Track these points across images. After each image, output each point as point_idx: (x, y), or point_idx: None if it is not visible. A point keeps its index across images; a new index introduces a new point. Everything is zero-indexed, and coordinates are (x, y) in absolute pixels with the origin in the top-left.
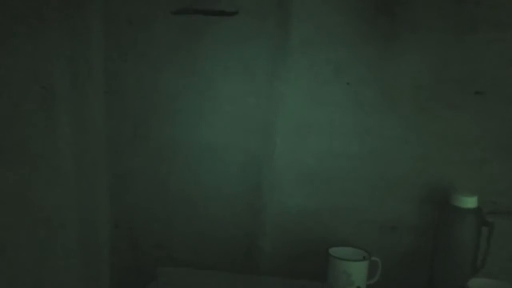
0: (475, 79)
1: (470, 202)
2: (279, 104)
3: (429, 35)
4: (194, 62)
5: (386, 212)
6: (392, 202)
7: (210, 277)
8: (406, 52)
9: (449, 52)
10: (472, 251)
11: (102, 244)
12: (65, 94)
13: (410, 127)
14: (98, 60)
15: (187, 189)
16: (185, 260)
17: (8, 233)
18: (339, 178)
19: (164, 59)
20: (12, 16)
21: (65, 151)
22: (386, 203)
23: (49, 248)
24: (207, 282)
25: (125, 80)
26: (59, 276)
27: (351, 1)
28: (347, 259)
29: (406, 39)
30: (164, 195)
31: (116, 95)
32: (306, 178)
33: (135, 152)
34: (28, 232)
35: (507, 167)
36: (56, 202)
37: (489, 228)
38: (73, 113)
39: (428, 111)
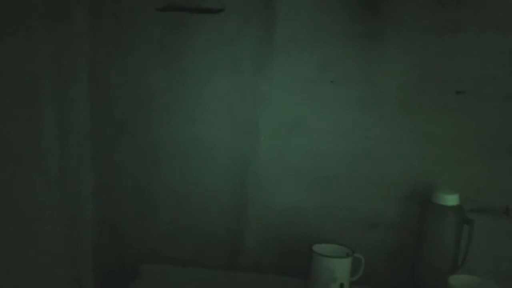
0: (457, 79)
1: (451, 200)
2: (264, 102)
3: (413, 34)
4: (180, 59)
5: (370, 209)
6: (376, 200)
7: (194, 274)
8: (390, 51)
9: (432, 51)
10: (453, 248)
11: (86, 241)
12: (49, 90)
13: (393, 126)
14: (82, 57)
15: (171, 186)
16: (169, 257)
17: None
18: (323, 176)
19: (149, 55)
20: None
21: (49, 148)
22: (370, 201)
23: (33, 247)
24: (191, 279)
25: (110, 77)
26: (43, 275)
27: None
28: (331, 256)
29: (391, 38)
30: (148, 192)
31: (101, 91)
32: (291, 176)
33: (119, 148)
34: (11, 230)
35: (487, 165)
36: (40, 199)
37: (470, 225)
38: (58, 109)
39: (411, 110)
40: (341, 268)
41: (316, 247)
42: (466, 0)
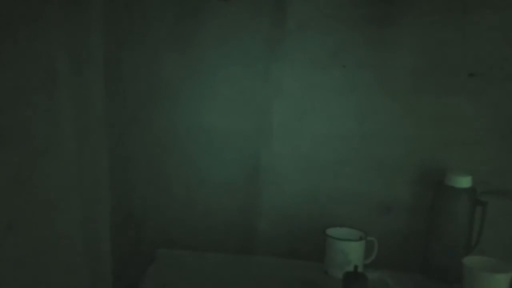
0: (468, 61)
1: (464, 182)
2: (276, 88)
3: (424, 18)
4: (192, 47)
5: (382, 193)
6: (388, 183)
7: (208, 259)
8: (401, 35)
9: (442, 34)
10: (466, 230)
11: (103, 227)
12: (66, 78)
13: (405, 110)
14: (97, 45)
15: (184, 173)
16: (183, 243)
17: (11, 216)
18: (335, 161)
19: (161, 43)
20: (13, 1)
21: (67, 134)
22: (382, 184)
23: (52, 233)
24: (205, 263)
25: (124, 65)
26: (62, 258)
27: None
28: (345, 239)
29: (402, 22)
30: (162, 179)
31: (114, 79)
32: (303, 160)
33: (133, 136)
34: (30, 218)
35: (500, 147)
36: (59, 184)
37: (483, 207)
38: (74, 96)
39: (423, 93)
40: (355, 250)
41: (330, 231)
42: None
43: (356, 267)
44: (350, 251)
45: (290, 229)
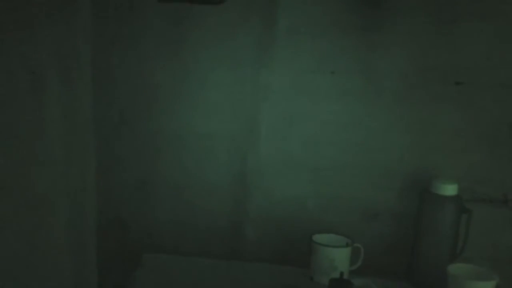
0: (456, 70)
1: (450, 189)
2: (265, 93)
3: (412, 26)
4: (181, 51)
5: (369, 199)
6: (375, 190)
7: (195, 263)
8: (390, 42)
9: (431, 42)
10: (452, 238)
11: (89, 230)
12: (53, 79)
13: (393, 116)
14: (85, 47)
15: (172, 177)
16: (170, 247)
17: None
18: (323, 167)
19: (150, 47)
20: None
21: (54, 137)
22: (369, 190)
23: (36, 236)
24: (192, 268)
25: (112, 68)
26: (47, 262)
27: None
28: (330, 246)
29: (390, 30)
30: (149, 182)
31: (103, 82)
32: (291, 166)
33: (121, 139)
34: (15, 220)
35: (486, 155)
36: (46, 187)
37: (468, 215)
38: (62, 98)
39: (410, 100)
40: (341, 257)
41: (316, 237)
42: None
43: (341, 273)
44: (336, 257)
45: (277, 234)
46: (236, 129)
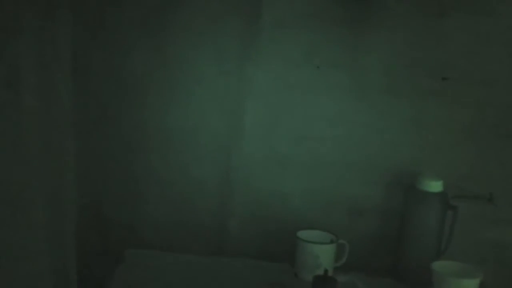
0: (442, 65)
1: (435, 186)
2: (249, 87)
3: (399, 20)
4: (163, 42)
5: (354, 195)
6: (360, 186)
7: (178, 259)
8: (376, 36)
9: (417, 36)
10: (437, 234)
11: (68, 226)
12: (31, 73)
13: (379, 112)
14: (65, 38)
15: (156, 172)
16: (153, 242)
17: None
18: (308, 162)
19: (132, 39)
20: None
21: (31, 130)
22: (355, 186)
23: (12, 232)
24: (176, 264)
25: (93, 59)
26: (24, 260)
27: None
28: (315, 242)
29: (377, 24)
30: (132, 178)
31: (83, 75)
32: (276, 161)
33: (102, 132)
34: None
35: (472, 151)
36: (21, 181)
37: (453, 212)
38: (40, 91)
39: (397, 95)
40: (325, 254)
41: (301, 233)
42: None
43: (326, 270)
44: (321, 254)
45: (262, 230)
46: (221, 124)
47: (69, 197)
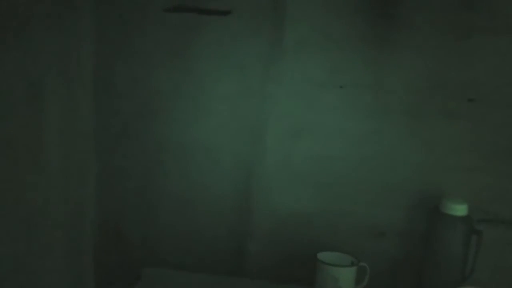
0: (469, 86)
1: (460, 210)
2: (271, 106)
3: (426, 40)
4: (187, 61)
5: (377, 217)
6: (383, 208)
7: (196, 279)
8: (401, 56)
9: (444, 57)
10: (461, 259)
11: (87, 243)
12: (53, 90)
13: (402, 132)
14: (87, 57)
15: (175, 189)
16: (171, 261)
17: None
18: (330, 183)
19: (155, 57)
20: (0, 11)
21: (52, 147)
22: (377, 208)
23: (34, 248)
24: (193, 283)
25: (116, 78)
26: (44, 275)
27: (347, 2)
28: (335, 265)
29: (402, 43)
30: (151, 195)
31: (106, 92)
32: (297, 181)
33: (123, 150)
34: (12, 230)
35: (498, 175)
36: (42, 198)
37: (478, 236)
38: (61, 109)
39: (421, 117)
40: (345, 277)
41: (321, 255)
42: (480, 5)
43: None
44: (341, 277)
45: (281, 251)
46: (241, 142)
47: (88, 214)
